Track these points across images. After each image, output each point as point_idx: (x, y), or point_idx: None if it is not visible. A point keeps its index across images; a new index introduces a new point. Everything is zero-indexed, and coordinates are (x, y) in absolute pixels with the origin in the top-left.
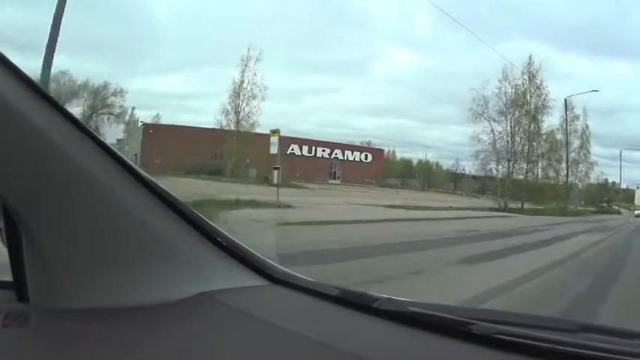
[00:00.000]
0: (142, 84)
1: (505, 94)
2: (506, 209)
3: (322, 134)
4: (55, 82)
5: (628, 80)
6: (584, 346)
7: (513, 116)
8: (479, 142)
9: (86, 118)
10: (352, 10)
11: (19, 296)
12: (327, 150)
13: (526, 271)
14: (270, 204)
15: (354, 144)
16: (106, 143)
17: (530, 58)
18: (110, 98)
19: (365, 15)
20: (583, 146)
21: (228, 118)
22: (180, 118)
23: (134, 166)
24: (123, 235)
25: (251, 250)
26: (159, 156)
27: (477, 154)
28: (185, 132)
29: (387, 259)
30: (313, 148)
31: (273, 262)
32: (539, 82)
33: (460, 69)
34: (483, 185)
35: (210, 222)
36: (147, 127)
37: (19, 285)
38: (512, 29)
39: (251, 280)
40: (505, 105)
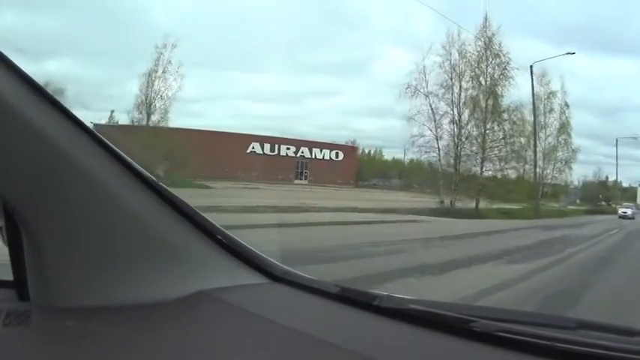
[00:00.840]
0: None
1: (451, 62)
2: (451, 210)
3: (323, 137)
4: None
5: (631, 79)
6: (584, 343)
7: (463, 90)
8: (414, 124)
9: None
10: (351, 10)
11: (20, 295)
12: (292, 148)
13: None
14: None
15: (325, 141)
16: (107, 142)
17: (485, 20)
18: None
19: (364, 15)
20: (563, 129)
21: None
22: (184, 122)
23: (134, 165)
24: (123, 233)
25: (251, 247)
26: None
27: (412, 140)
28: (132, 131)
29: None
30: (276, 146)
31: (273, 260)
32: (498, 48)
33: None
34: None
35: (210, 220)
36: (96, 127)
37: (19, 284)
38: (513, 28)
39: (251, 278)
40: (451, 76)
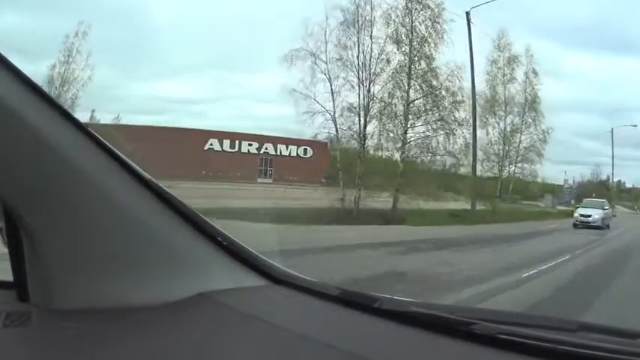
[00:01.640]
0: (145, 89)
1: (358, 16)
2: (355, 213)
3: (323, 136)
4: None
5: (636, 79)
6: (585, 345)
7: (375, 51)
8: (296, 95)
9: None
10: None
11: (20, 296)
12: (255, 144)
13: None
14: None
15: (292, 137)
16: (107, 144)
17: None
18: None
19: (365, 13)
20: (531, 105)
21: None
22: (186, 123)
23: (135, 166)
24: (123, 235)
25: (252, 250)
26: None
27: (305, 119)
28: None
29: None
30: (237, 143)
31: (274, 262)
32: None
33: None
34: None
35: (211, 222)
36: None
37: (19, 285)
38: (518, 27)
39: (252, 280)
40: (357, 32)
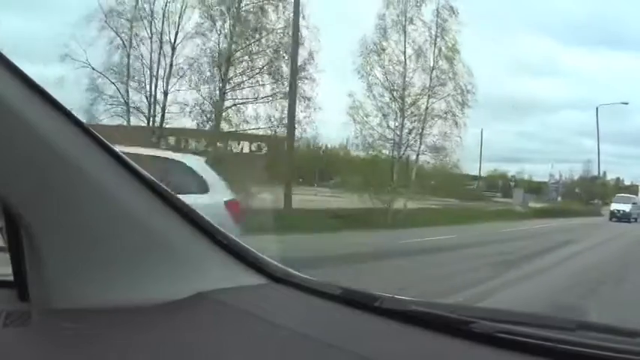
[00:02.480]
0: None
1: None
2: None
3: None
4: None
5: (633, 76)
6: (585, 344)
7: None
8: None
9: None
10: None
11: (20, 296)
12: (203, 142)
13: None
14: None
15: (245, 132)
16: (106, 143)
17: None
18: None
19: (363, 10)
20: (446, 56)
21: None
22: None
23: (134, 165)
24: (123, 234)
25: (252, 248)
26: None
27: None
28: None
29: None
30: (182, 140)
31: (274, 261)
32: None
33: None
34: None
35: (210, 221)
36: None
37: (19, 285)
38: (517, 24)
39: (252, 279)
40: None
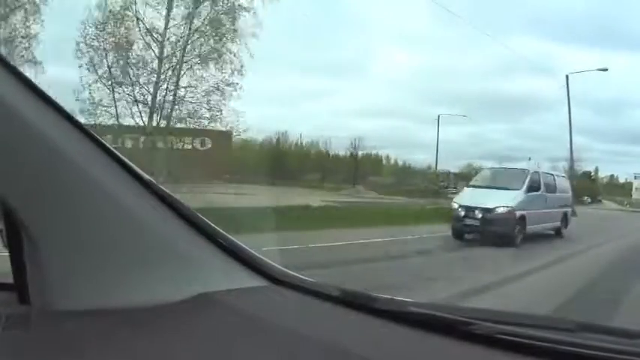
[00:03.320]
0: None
1: None
2: None
3: (320, 138)
4: None
5: (630, 74)
6: (584, 345)
7: None
8: None
9: None
10: (347, 8)
11: (20, 298)
12: (140, 138)
13: None
14: None
15: (186, 127)
16: (106, 144)
17: None
18: None
19: (360, 13)
20: None
21: None
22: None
23: (134, 167)
24: (123, 236)
25: (251, 250)
26: None
27: None
28: None
29: None
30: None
31: (274, 263)
32: None
33: (459, 67)
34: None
35: (210, 222)
36: None
37: (20, 287)
38: (512, 23)
39: (251, 280)
40: None
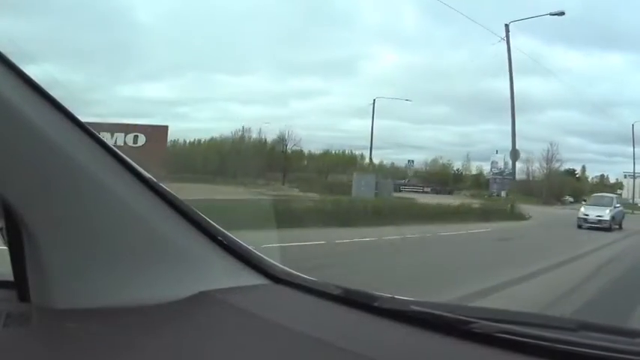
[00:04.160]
0: (129, 91)
1: None
2: None
3: (312, 138)
4: None
5: (621, 74)
6: (585, 344)
7: None
8: None
9: None
10: (337, 8)
11: (21, 296)
12: None
13: None
14: None
15: (117, 122)
16: (107, 143)
17: None
18: None
19: (350, 13)
20: None
21: None
22: (171, 125)
23: (135, 165)
24: (124, 234)
25: (253, 249)
26: None
27: None
28: None
29: None
30: None
31: (274, 262)
32: None
33: (451, 66)
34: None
35: (211, 221)
36: None
37: (20, 285)
38: (501, 23)
39: (252, 279)
40: None
